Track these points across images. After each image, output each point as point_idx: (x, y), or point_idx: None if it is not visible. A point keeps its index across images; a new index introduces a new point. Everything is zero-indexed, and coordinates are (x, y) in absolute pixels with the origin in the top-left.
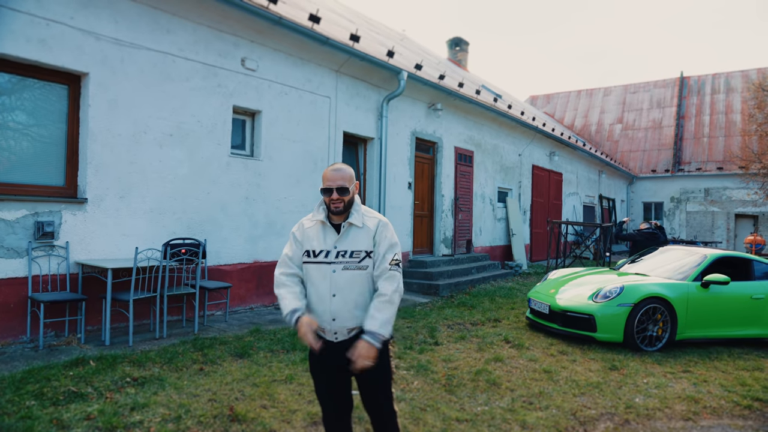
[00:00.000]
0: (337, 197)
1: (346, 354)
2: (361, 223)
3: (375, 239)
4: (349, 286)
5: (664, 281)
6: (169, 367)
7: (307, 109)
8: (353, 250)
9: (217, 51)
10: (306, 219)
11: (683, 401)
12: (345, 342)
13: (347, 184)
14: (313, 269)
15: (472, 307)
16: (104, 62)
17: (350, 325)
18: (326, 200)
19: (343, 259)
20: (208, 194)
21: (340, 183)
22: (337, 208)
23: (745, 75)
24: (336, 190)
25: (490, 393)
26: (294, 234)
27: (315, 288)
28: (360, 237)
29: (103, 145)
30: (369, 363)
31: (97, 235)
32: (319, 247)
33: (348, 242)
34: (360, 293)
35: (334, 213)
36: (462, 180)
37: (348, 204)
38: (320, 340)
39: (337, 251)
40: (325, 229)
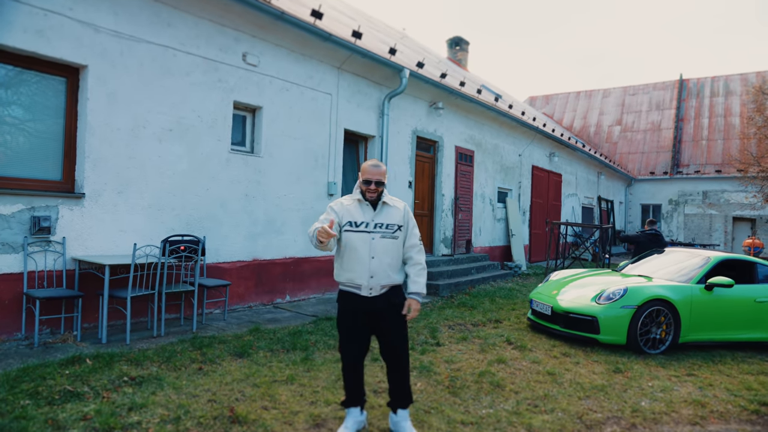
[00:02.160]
0: (374, 188)
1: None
2: (391, 203)
3: (405, 217)
4: (384, 251)
5: (667, 283)
6: (168, 366)
7: (308, 106)
8: (388, 223)
9: (218, 45)
10: (343, 198)
11: (690, 405)
12: (377, 297)
13: (383, 179)
14: (355, 236)
15: (472, 308)
16: (103, 55)
17: (384, 282)
18: (364, 188)
19: (380, 229)
20: (208, 191)
21: (379, 177)
22: (372, 197)
23: (744, 78)
24: (374, 182)
25: (495, 395)
26: (332, 208)
27: (356, 252)
28: (393, 214)
29: (101, 140)
30: (417, 314)
31: (95, 230)
32: (360, 219)
33: (383, 217)
34: (393, 257)
35: (368, 200)
36: (462, 179)
37: (380, 194)
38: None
39: (375, 223)
40: (363, 206)
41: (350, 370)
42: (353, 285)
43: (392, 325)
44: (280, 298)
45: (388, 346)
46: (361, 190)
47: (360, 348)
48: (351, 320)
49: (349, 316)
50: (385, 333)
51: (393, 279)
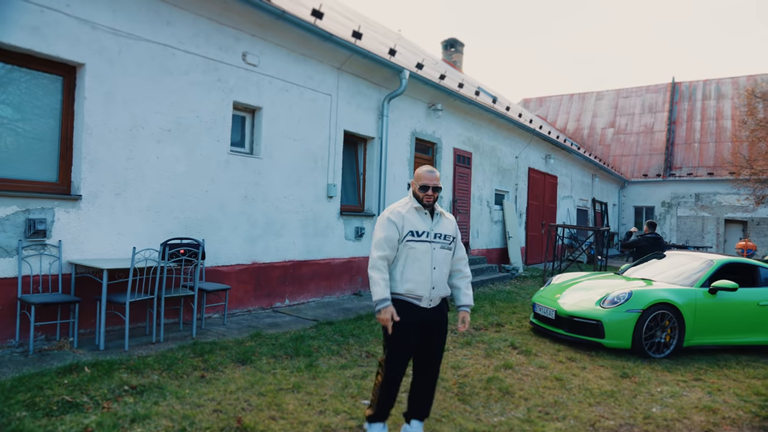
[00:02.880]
0: (432, 194)
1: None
2: (446, 215)
3: (456, 229)
4: (443, 262)
5: (671, 287)
6: (169, 374)
7: (308, 107)
8: (446, 234)
9: (218, 45)
10: (398, 207)
11: (701, 411)
12: (434, 308)
13: (440, 184)
14: (419, 246)
15: (473, 311)
16: (101, 53)
17: (442, 294)
18: (421, 195)
19: (439, 240)
20: (207, 192)
21: (436, 183)
22: (429, 203)
23: (735, 81)
24: (432, 188)
25: (504, 402)
26: (391, 219)
27: (418, 262)
28: (447, 225)
29: (98, 140)
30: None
31: (92, 233)
32: (422, 228)
33: (440, 227)
34: (449, 268)
35: (425, 206)
36: (460, 181)
37: (436, 199)
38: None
39: (434, 233)
40: (421, 214)
41: (394, 384)
42: (413, 296)
43: (442, 337)
44: (280, 302)
45: (428, 358)
46: (418, 197)
47: (409, 360)
48: (407, 332)
49: (405, 328)
50: (432, 345)
51: (447, 290)
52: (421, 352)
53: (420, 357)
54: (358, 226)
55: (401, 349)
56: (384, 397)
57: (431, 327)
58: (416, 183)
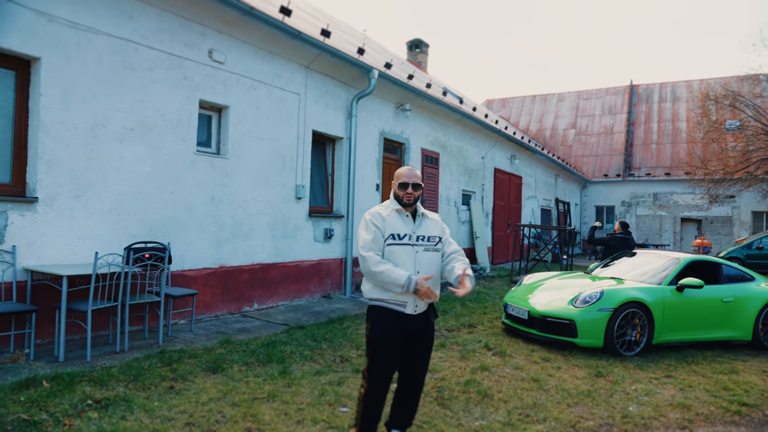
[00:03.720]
0: (412, 191)
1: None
2: (429, 216)
3: (442, 229)
4: (427, 264)
5: (641, 285)
6: (136, 386)
7: (276, 106)
8: (430, 236)
9: (183, 41)
10: (378, 209)
11: (676, 409)
12: (420, 314)
13: (420, 182)
14: (400, 250)
15: (444, 312)
16: (58, 47)
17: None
18: (401, 193)
19: (423, 242)
20: (172, 194)
21: (415, 180)
22: (409, 201)
23: (689, 85)
24: (412, 185)
25: (484, 406)
26: (372, 222)
27: (401, 266)
28: (432, 226)
29: (56, 139)
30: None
31: (49, 238)
32: (402, 231)
33: (424, 229)
34: (435, 271)
35: (406, 205)
36: (428, 182)
37: (417, 198)
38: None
39: (416, 236)
40: (402, 216)
41: (377, 396)
42: (398, 302)
43: (428, 346)
44: (248, 306)
45: (413, 367)
46: (398, 197)
47: (394, 370)
48: (390, 340)
49: (389, 335)
50: (417, 353)
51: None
52: (406, 360)
53: (405, 366)
54: (327, 228)
55: (384, 358)
56: (367, 410)
57: (416, 334)
58: (395, 182)
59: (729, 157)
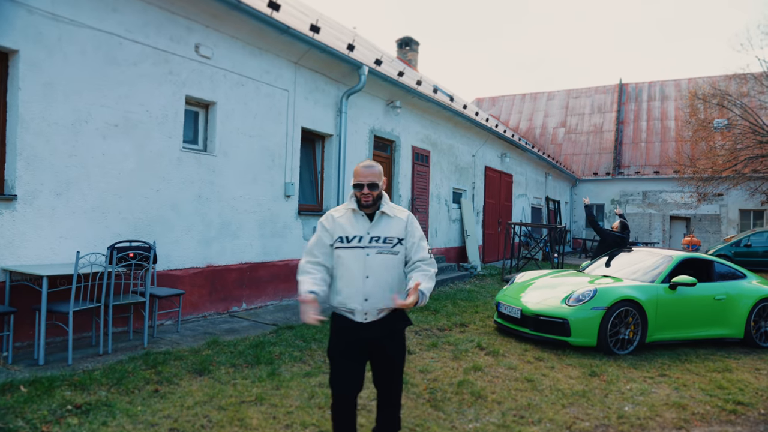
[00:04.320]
0: (368, 192)
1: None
2: (392, 214)
3: (407, 229)
4: (381, 269)
5: (634, 283)
6: (119, 390)
7: (264, 102)
8: (386, 237)
9: (169, 35)
10: (334, 210)
11: (671, 408)
12: (373, 323)
13: (377, 180)
14: (347, 254)
15: (435, 311)
16: (38, 39)
17: (380, 306)
18: (357, 194)
19: (376, 244)
20: (158, 192)
21: (371, 179)
22: (367, 202)
23: (677, 84)
24: (367, 185)
25: (478, 407)
26: (323, 224)
27: (348, 271)
28: (392, 225)
29: (36, 135)
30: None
31: (29, 237)
32: (352, 233)
33: (381, 229)
34: (391, 276)
35: (364, 206)
36: (419, 180)
37: (377, 198)
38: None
39: (370, 237)
40: (357, 216)
41: (342, 405)
42: (346, 309)
43: (392, 355)
44: (237, 306)
45: (383, 377)
46: (356, 197)
47: (352, 381)
48: (343, 348)
49: (342, 343)
50: (382, 364)
51: (391, 302)
52: (374, 370)
53: (375, 375)
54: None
55: (341, 367)
56: (336, 421)
57: (375, 345)
58: (352, 181)
59: (717, 155)
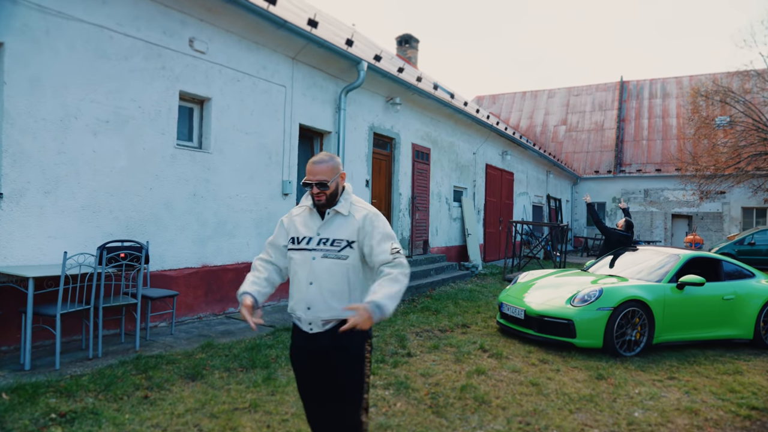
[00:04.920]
0: (318, 191)
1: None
2: (347, 212)
3: (362, 230)
4: (326, 275)
5: (640, 283)
6: (107, 396)
7: (261, 98)
8: (334, 239)
9: (162, 29)
10: (296, 207)
11: (683, 414)
12: (319, 334)
13: (327, 178)
14: (297, 256)
15: (436, 312)
16: (24, 32)
17: (324, 317)
18: (310, 194)
19: (324, 246)
20: (151, 190)
21: (320, 177)
22: (320, 201)
23: (678, 81)
24: (315, 184)
25: (482, 413)
26: (282, 221)
27: (296, 275)
28: (344, 226)
29: (23, 131)
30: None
31: (16, 237)
32: (303, 233)
33: (331, 230)
34: (336, 283)
35: (317, 206)
36: (419, 178)
37: (331, 197)
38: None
39: (319, 238)
40: (311, 215)
41: (309, 419)
42: (295, 316)
43: (338, 366)
44: (233, 308)
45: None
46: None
47: (311, 393)
48: (295, 358)
49: (294, 352)
50: (324, 378)
51: (338, 313)
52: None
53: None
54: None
55: (296, 376)
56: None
57: (320, 359)
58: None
59: (720, 153)
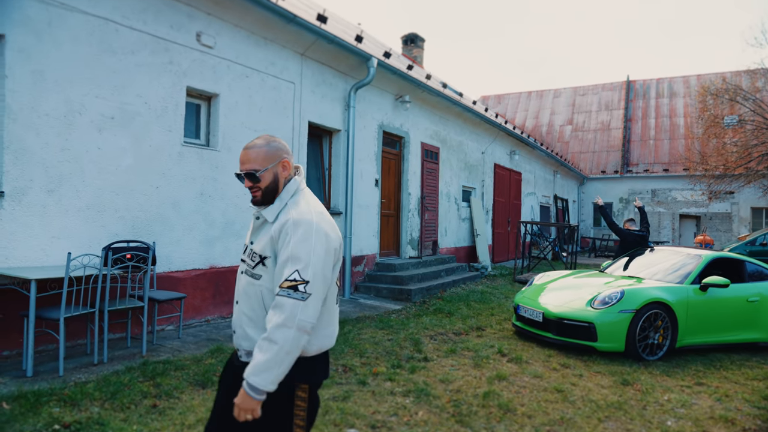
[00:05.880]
0: (250, 184)
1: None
2: (272, 218)
3: (276, 243)
4: (244, 295)
5: (662, 284)
6: (113, 405)
7: (269, 95)
8: (254, 251)
9: (169, 22)
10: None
11: (718, 423)
12: (245, 366)
13: (258, 167)
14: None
15: (449, 314)
16: (26, 24)
17: (244, 346)
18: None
19: (247, 260)
20: (157, 189)
21: (249, 167)
22: (255, 198)
23: (686, 80)
24: (245, 175)
25: (508, 422)
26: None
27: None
28: (264, 235)
29: (25, 127)
30: (247, 416)
31: (18, 237)
32: (246, 238)
33: (257, 240)
34: (251, 308)
35: (254, 204)
36: (428, 177)
37: (268, 193)
38: None
39: (248, 248)
40: (253, 220)
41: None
42: None
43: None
44: None
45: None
46: None
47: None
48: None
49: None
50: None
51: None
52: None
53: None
54: None
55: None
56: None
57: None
58: None
59: (730, 153)
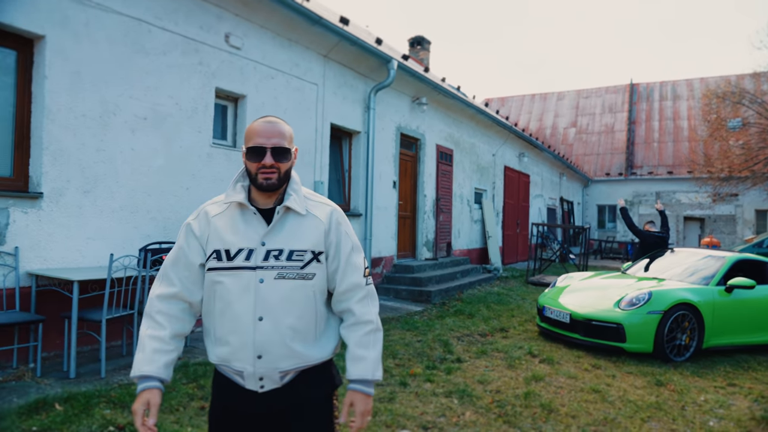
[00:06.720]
0: (272, 163)
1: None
2: (303, 210)
3: (330, 236)
4: (285, 304)
5: (687, 286)
6: (162, 407)
7: (293, 96)
8: (293, 249)
9: (199, 23)
10: (210, 203)
11: (761, 424)
12: (274, 393)
13: (287, 144)
14: (229, 279)
15: (471, 316)
16: (65, 24)
17: (285, 367)
18: (253, 168)
19: (276, 262)
20: (187, 190)
21: (277, 141)
22: (269, 181)
23: (689, 83)
24: (271, 150)
25: (553, 422)
26: (189, 227)
27: (230, 309)
28: (304, 229)
29: (63, 128)
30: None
31: (56, 238)
32: (238, 244)
33: (285, 237)
34: (300, 317)
35: (264, 189)
36: (443, 179)
37: (284, 177)
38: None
39: (267, 250)
40: (245, 215)
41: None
42: (232, 370)
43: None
44: None
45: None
46: (251, 176)
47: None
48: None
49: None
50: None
51: (305, 357)
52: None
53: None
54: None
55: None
56: None
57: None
58: (245, 145)
59: (735, 155)
